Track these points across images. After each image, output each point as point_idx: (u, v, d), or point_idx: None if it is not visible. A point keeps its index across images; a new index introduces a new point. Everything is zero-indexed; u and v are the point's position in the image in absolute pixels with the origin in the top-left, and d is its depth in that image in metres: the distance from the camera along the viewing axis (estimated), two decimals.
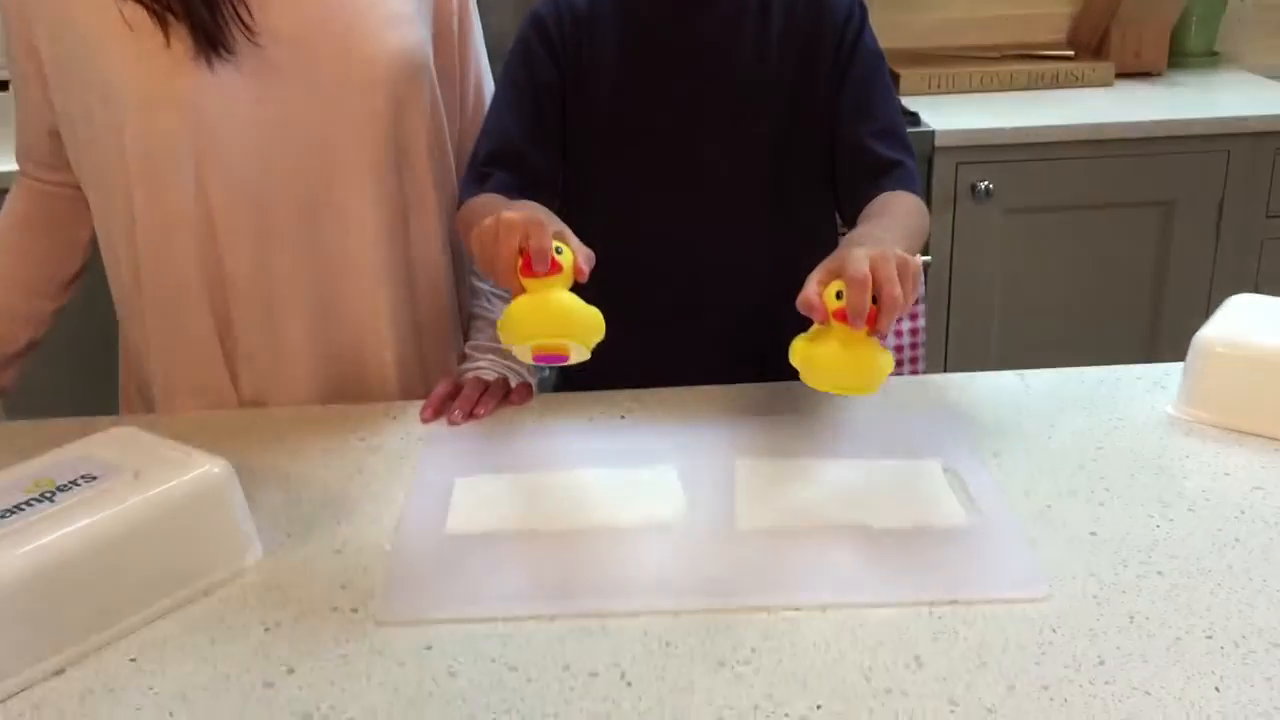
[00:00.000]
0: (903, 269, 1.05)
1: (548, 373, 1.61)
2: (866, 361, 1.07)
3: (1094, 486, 1.12)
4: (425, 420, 1.29)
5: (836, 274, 1.07)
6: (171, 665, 0.93)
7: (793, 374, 1.34)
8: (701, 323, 1.41)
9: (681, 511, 1.09)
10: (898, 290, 1.03)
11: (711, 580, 0.99)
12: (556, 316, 1.08)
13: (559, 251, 1.08)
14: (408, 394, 1.40)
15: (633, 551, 1.04)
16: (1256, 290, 1.50)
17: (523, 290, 1.08)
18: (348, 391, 1.38)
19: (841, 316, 1.04)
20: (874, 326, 1.05)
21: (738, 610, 0.96)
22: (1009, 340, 2.61)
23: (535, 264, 1.06)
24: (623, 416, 1.29)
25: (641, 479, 1.14)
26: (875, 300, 1.03)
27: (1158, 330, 2.63)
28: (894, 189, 1.31)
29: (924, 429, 1.22)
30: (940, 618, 0.94)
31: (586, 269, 1.09)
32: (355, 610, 0.98)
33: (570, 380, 1.48)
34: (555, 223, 1.12)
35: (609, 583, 1.00)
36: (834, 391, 1.09)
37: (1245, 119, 2.51)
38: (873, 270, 1.03)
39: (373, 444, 1.25)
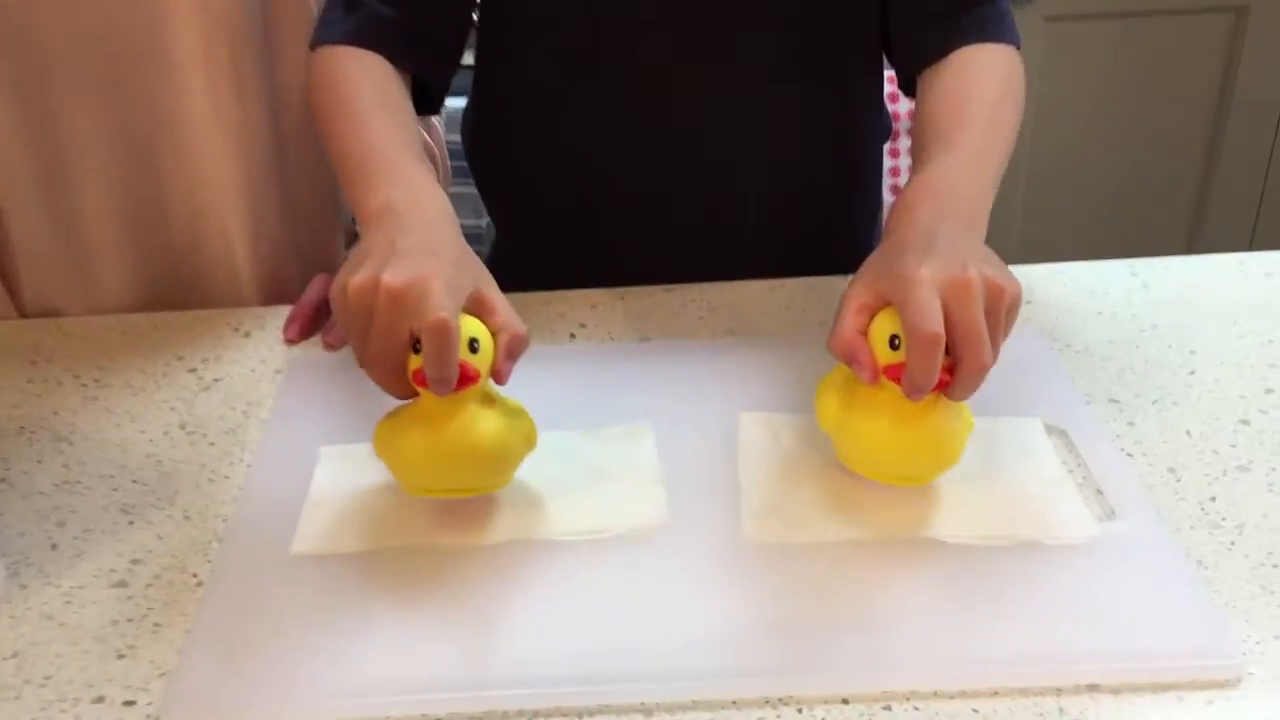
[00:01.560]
0: (994, 306, 0.65)
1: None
2: (932, 444, 0.69)
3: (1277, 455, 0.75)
4: (289, 341, 0.89)
5: (888, 297, 0.67)
6: None
7: (824, 270, 0.96)
8: (681, 198, 1.00)
9: (659, 509, 0.71)
10: (985, 354, 0.64)
11: (696, 650, 0.62)
12: (469, 461, 0.68)
13: (474, 346, 0.66)
14: (269, 297, 1.00)
15: (580, 597, 0.66)
16: None
17: (412, 394, 0.68)
18: (179, 293, 0.97)
19: (897, 376, 0.65)
20: (945, 391, 0.66)
21: (741, 705, 0.60)
22: (1041, 187, 2.19)
23: (437, 388, 0.65)
24: (573, 336, 0.90)
25: (598, 450, 0.76)
26: (948, 351, 0.65)
27: (1218, 157, 2.20)
28: (973, 41, 0.87)
29: (1006, 360, 0.83)
30: (1068, 710, 0.58)
31: (508, 369, 0.68)
32: (130, 703, 0.61)
33: (507, 268, 1.08)
34: (468, 270, 0.69)
35: (541, 662, 0.63)
36: (881, 481, 0.71)
37: None
38: (949, 316, 0.64)
39: (206, 377, 0.86)
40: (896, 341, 0.65)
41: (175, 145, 0.92)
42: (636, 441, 0.77)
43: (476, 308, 0.68)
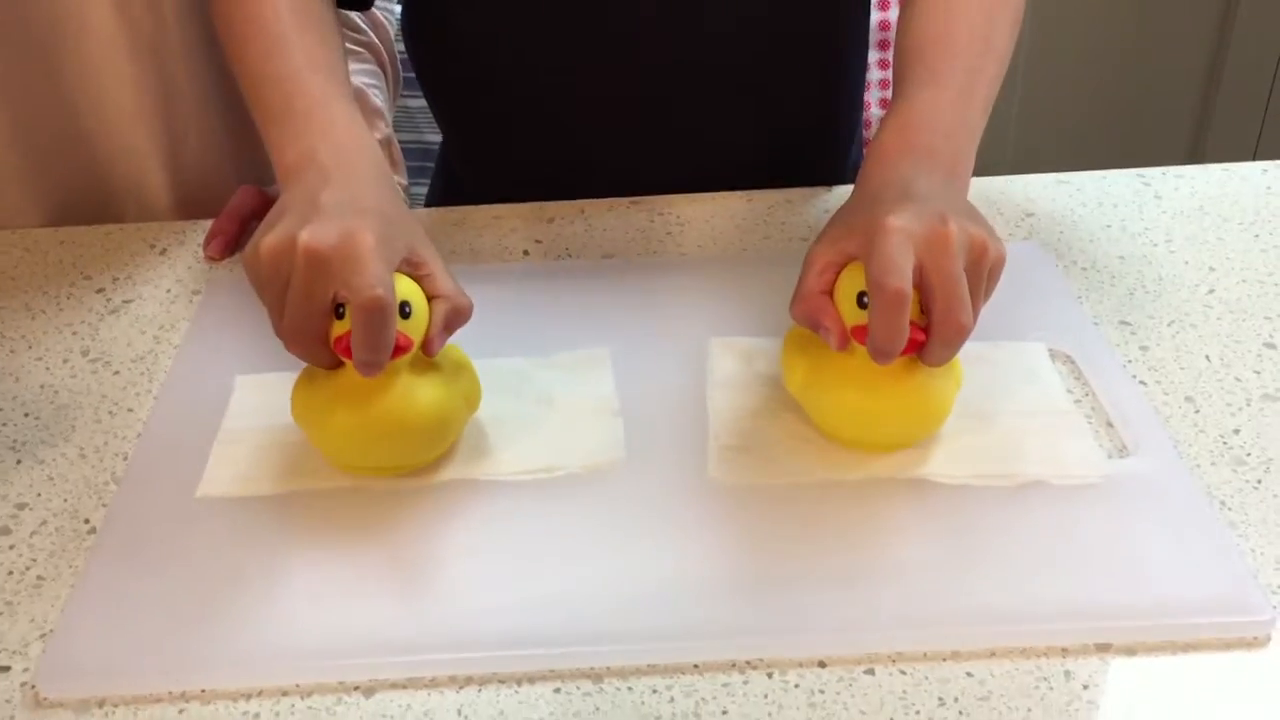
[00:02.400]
0: (975, 264, 0.57)
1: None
2: (911, 409, 0.61)
3: None
4: (210, 258, 0.80)
5: (855, 253, 0.59)
6: None
7: (801, 180, 0.87)
8: (642, 108, 0.90)
9: (615, 445, 0.63)
10: (964, 313, 0.56)
11: (653, 607, 0.55)
12: (402, 438, 0.60)
13: (405, 310, 0.57)
14: (188, 209, 0.90)
15: (523, 546, 0.58)
16: None
17: (336, 364, 0.59)
18: (90, 206, 0.88)
19: (865, 338, 0.57)
20: (920, 356, 0.58)
21: (704, 669, 0.52)
22: (1038, 93, 2.08)
23: (364, 370, 0.56)
24: (526, 253, 0.81)
25: (548, 378, 0.68)
26: (923, 307, 0.57)
27: (1223, 62, 2.08)
28: None
29: (1005, 278, 0.75)
30: (1076, 674, 0.51)
31: (441, 341, 0.59)
32: (4, 669, 0.53)
33: (454, 181, 0.98)
34: (401, 229, 0.60)
35: (476, 622, 0.55)
36: (858, 449, 0.63)
37: None
38: (923, 271, 0.56)
39: (115, 299, 0.77)
40: (866, 299, 0.57)
41: (78, 58, 0.82)
42: (592, 369, 0.68)
43: (411, 272, 0.59)
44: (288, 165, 0.63)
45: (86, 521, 0.60)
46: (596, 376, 0.68)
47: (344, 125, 0.65)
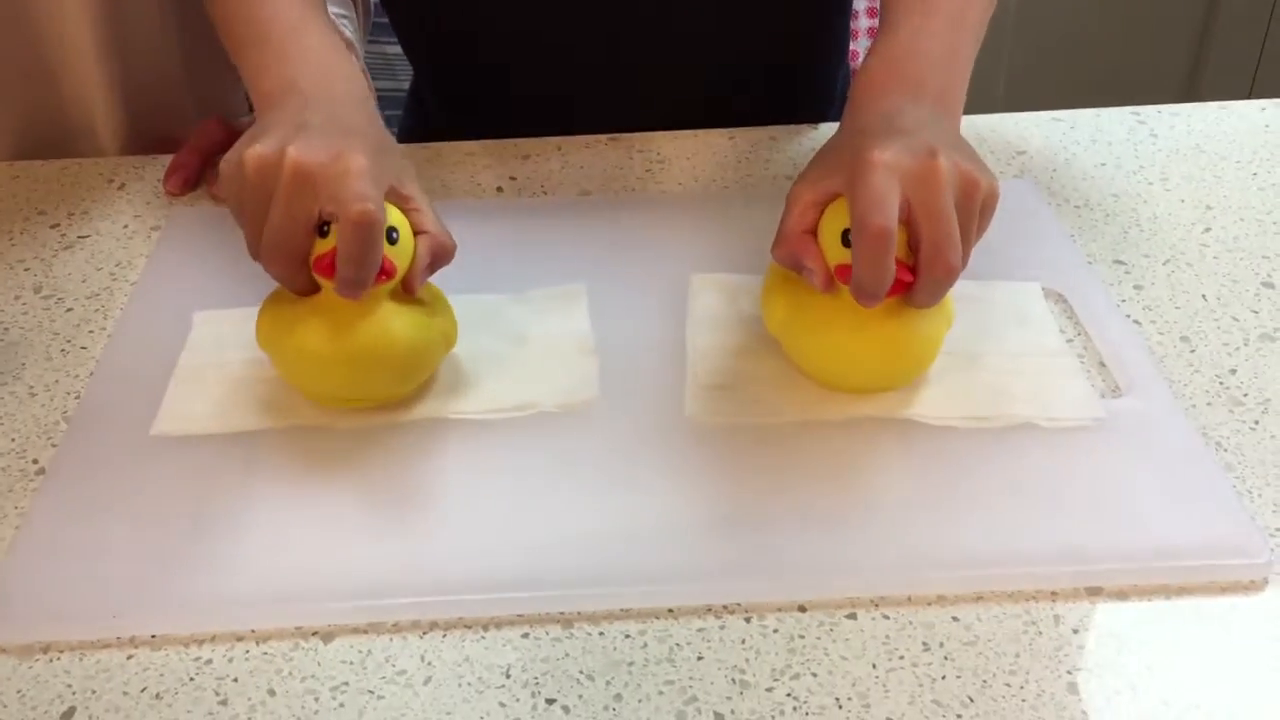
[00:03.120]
0: (966, 200, 0.54)
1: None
2: (896, 351, 0.58)
3: None
4: (170, 193, 0.77)
5: (839, 190, 0.56)
6: None
7: (785, 118, 0.85)
8: (629, 38, 0.86)
9: (590, 383, 0.61)
10: (954, 252, 0.53)
11: (625, 548, 0.52)
12: (376, 368, 0.57)
13: (392, 236, 0.55)
14: (144, 143, 0.86)
15: (493, 486, 0.56)
16: None
17: (313, 289, 0.56)
18: (49, 143, 0.84)
19: (849, 277, 0.54)
20: (907, 297, 0.56)
21: (679, 614, 0.50)
22: (1030, 28, 2.02)
23: (347, 290, 0.54)
24: (500, 189, 0.78)
25: (522, 314, 0.65)
26: (910, 246, 0.54)
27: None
28: None
29: (998, 218, 0.72)
30: (1065, 618, 0.49)
31: (423, 279, 0.57)
32: None
33: (424, 117, 0.95)
34: (389, 158, 0.57)
35: (442, 565, 0.53)
36: (842, 391, 0.60)
37: None
38: (911, 207, 0.53)
39: (70, 234, 0.74)
40: (850, 237, 0.54)
41: None
42: (567, 305, 0.66)
43: (398, 204, 0.57)
44: (266, 91, 0.60)
45: (35, 462, 0.57)
46: (572, 313, 0.65)
47: (324, 53, 0.62)
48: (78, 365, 0.63)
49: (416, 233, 0.57)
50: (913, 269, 0.54)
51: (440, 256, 0.58)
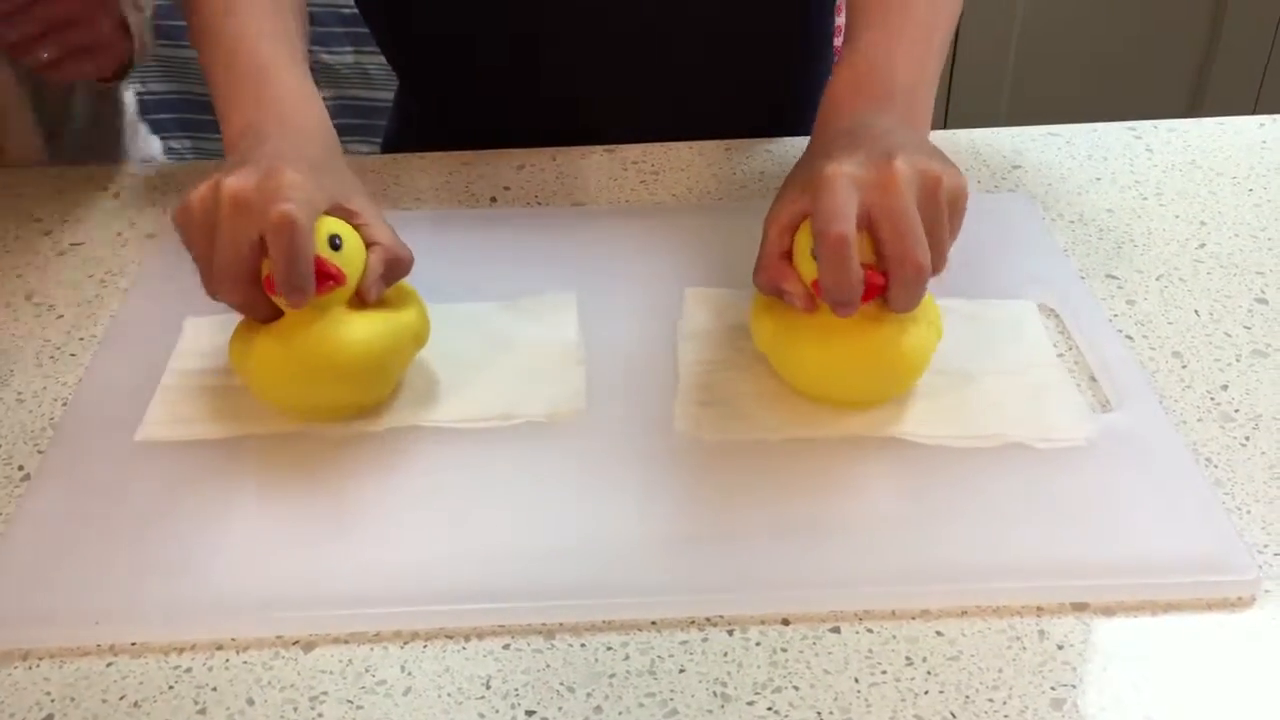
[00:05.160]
0: (929, 197, 0.54)
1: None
2: (882, 361, 0.57)
3: None
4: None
5: (806, 209, 0.56)
6: None
7: (784, 129, 0.85)
8: (621, 52, 0.86)
9: (577, 394, 0.61)
10: (918, 250, 0.53)
11: (608, 560, 0.52)
12: (331, 377, 0.57)
13: (334, 243, 0.55)
14: None
15: (476, 496, 0.56)
16: None
17: (276, 314, 0.56)
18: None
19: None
20: (886, 302, 0.56)
21: (661, 626, 0.50)
22: (1034, 45, 2.02)
23: (290, 296, 0.54)
24: (494, 200, 0.78)
25: (509, 322, 0.65)
26: (876, 250, 0.54)
27: (1224, 13, 2.03)
28: None
29: (988, 230, 0.72)
30: (1050, 633, 0.49)
31: (378, 290, 0.57)
32: None
33: (412, 120, 0.95)
34: (331, 177, 0.58)
35: (423, 574, 0.52)
36: (834, 406, 0.60)
37: None
38: (871, 212, 0.53)
39: (63, 241, 0.74)
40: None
41: None
42: (556, 314, 0.66)
43: (345, 219, 0.57)
44: (229, 138, 0.61)
45: (20, 468, 0.57)
46: (560, 322, 0.65)
47: (288, 92, 0.62)
48: (67, 372, 0.63)
49: (369, 245, 0.57)
50: (885, 273, 0.54)
51: (395, 267, 0.58)
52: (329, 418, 0.58)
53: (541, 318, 0.65)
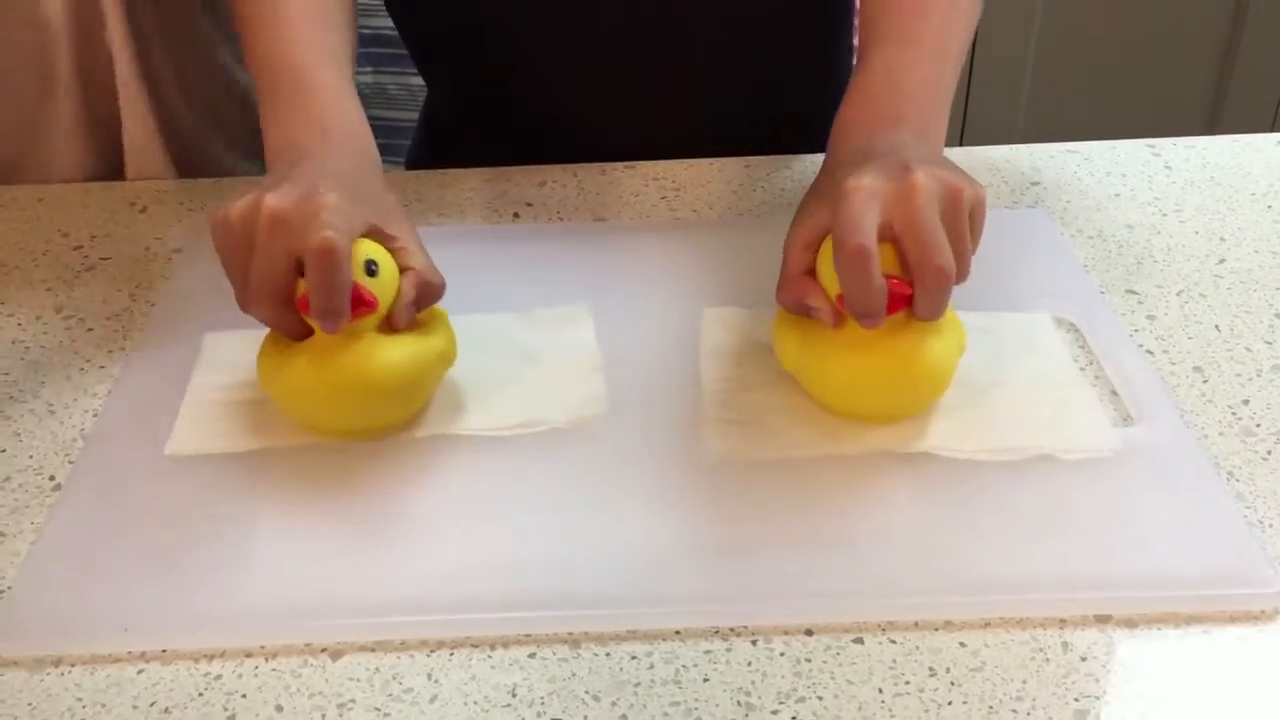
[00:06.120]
0: (951, 206, 0.54)
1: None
2: (907, 374, 0.58)
3: None
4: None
5: (827, 225, 0.56)
6: None
7: (804, 147, 0.85)
8: (649, 61, 0.87)
9: (597, 400, 0.61)
10: (942, 257, 0.53)
11: (632, 570, 0.53)
12: (365, 399, 0.57)
13: (371, 269, 0.56)
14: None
15: (500, 504, 0.56)
16: None
17: (306, 332, 0.57)
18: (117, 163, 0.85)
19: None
20: (912, 311, 0.56)
21: (685, 636, 0.50)
22: (1051, 63, 2.02)
23: (325, 321, 0.55)
24: (516, 215, 0.79)
25: (530, 333, 0.66)
26: (901, 261, 0.55)
27: (1241, 31, 2.03)
28: None
29: (1008, 245, 0.73)
30: (1074, 645, 0.49)
31: (409, 315, 0.58)
32: None
33: (437, 135, 0.95)
34: (370, 200, 0.58)
35: (450, 584, 0.53)
36: (861, 420, 0.60)
37: None
38: (893, 223, 0.54)
39: (92, 255, 0.75)
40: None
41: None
42: (573, 324, 0.66)
43: (382, 243, 0.58)
44: (271, 150, 0.62)
45: (52, 478, 0.58)
46: (578, 332, 0.66)
47: (331, 108, 0.63)
48: (96, 384, 0.64)
49: (402, 269, 0.58)
50: (910, 282, 0.55)
51: (426, 293, 0.59)
52: (357, 437, 0.59)
53: (558, 328, 0.66)
